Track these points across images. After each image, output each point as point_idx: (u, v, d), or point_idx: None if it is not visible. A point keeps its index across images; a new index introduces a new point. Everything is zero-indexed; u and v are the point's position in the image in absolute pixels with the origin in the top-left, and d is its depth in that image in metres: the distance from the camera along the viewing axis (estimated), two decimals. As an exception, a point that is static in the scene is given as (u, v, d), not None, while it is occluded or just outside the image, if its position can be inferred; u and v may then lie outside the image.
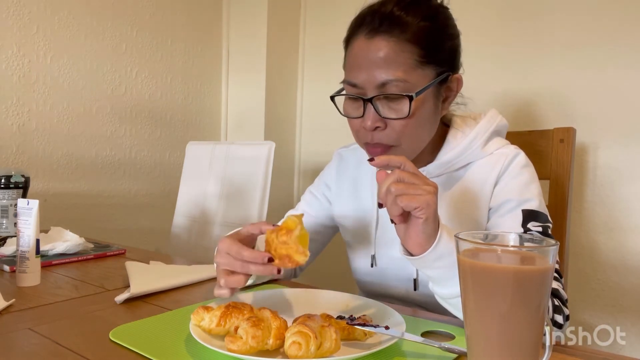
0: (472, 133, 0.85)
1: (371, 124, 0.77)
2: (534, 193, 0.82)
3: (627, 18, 1.30)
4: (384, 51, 0.75)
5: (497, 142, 0.87)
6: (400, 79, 0.74)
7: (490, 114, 0.89)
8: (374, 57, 0.75)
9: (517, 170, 0.83)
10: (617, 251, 1.33)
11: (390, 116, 0.76)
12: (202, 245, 1.54)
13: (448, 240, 0.64)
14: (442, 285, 0.67)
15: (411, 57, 0.75)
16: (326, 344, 0.55)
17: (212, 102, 2.16)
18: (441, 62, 0.78)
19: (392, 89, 0.75)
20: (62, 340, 0.61)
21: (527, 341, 0.45)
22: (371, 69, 0.76)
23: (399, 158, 0.65)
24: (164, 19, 1.93)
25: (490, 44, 1.54)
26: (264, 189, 1.43)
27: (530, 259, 0.46)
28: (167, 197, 1.86)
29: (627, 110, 1.31)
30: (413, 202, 0.61)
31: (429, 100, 0.78)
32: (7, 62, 1.50)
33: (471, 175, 0.85)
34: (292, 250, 0.68)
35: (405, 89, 0.75)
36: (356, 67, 0.78)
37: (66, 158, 1.66)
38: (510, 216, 0.80)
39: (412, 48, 0.75)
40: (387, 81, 0.75)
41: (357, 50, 0.78)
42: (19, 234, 0.86)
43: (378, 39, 0.76)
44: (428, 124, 0.81)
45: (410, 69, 0.75)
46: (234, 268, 0.71)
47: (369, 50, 0.76)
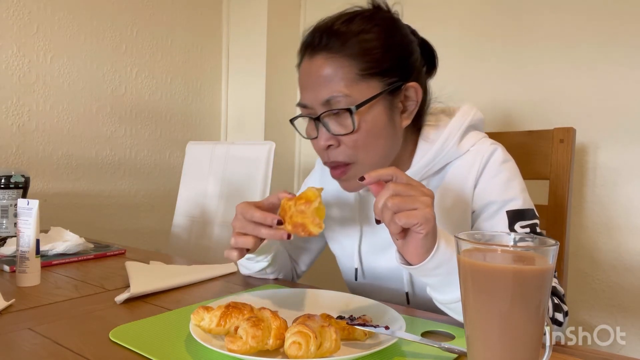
0: (445, 132, 0.83)
1: (323, 143, 0.78)
2: (516, 190, 0.80)
3: (628, 18, 1.30)
4: (324, 68, 0.75)
5: (473, 137, 0.84)
6: (342, 94, 0.74)
7: (463, 109, 0.87)
8: (316, 76, 0.76)
9: (496, 168, 0.81)
10: (617, 251, 1.33)
11: (340, 132, 0.76)
12: (202, 245, 1.54)
13: (446, 247, 0.63)
14: (441, 291, 0.67)
15: (351, 72, 0.74)
16: (326, 344, 0.55)
17: (212, 102, 2.16)
18: (388, 72, 0.77)
19: (335, 104, 0.75)
20: (62, 340, 0.61)
21: (527, 341, 0.45)
22: (315, 88, 0.76)
23: (389, 170, 0.64)
24: (164, 19, 1.93)
25: (490, 44, 1.54)
26: (264, 189, 1.43)
27: (530, 259, 0.46)
28: (167, 197, 1.86)
29: (627, 110, 1.31)
30: (412, 219, 0.60)
31: (379, 112, 0.77)
32: (7, 62, 1.50)
33: (450, 178, 0.83)
34: (309, 220, 0.69)
35: (349, 103, 0.74)
36: (303, 88, 0.79)
37: (66, 158, 1.66)
38: (496, 219, 0.79)
39: (352, 62, 0.74)
40: (330, 98, 0.75)
41: (302, 72, 0.80)
42: (19, 234, 0.86)
43: (318, 57, 0.76)
44: (382, 136, 0.78)
45: (352, 82, 0.74)
46: (246, 230, 0.74)
47: (311, 69, 0.77)
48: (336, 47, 0.75)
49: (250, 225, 0.74)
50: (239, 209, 0.76)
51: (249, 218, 0.74)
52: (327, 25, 0.78)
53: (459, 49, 1.60)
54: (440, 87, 0.90)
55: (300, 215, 0.70)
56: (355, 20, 0.77)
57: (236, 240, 0.75)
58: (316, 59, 0.76)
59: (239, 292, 0.81)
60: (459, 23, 1.61)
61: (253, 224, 0.74)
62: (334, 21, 0.78)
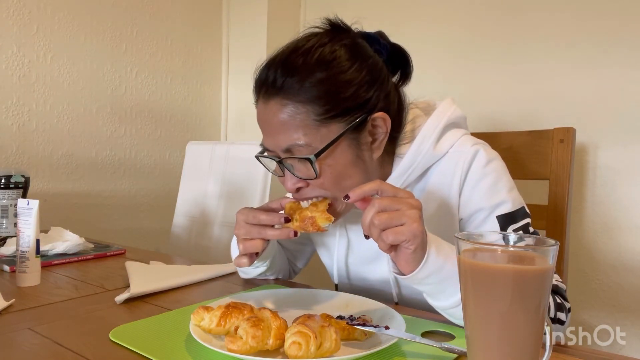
0: (420, 134, 0.79)
1: (291, 186, 0.74)
2: (503, 193, 0.77)
3: (628, 18, 1.30)
4: (280, 116, 0.71)
5: (452, 136, 0.81)
6: (302, 143, 0.70)
7: (440, 107, 0.82)
8: (272, 122, 0.72)
9: (479, 172, 0.78)
10: (617, 251, 1.33)
11: (305, 177, 0.73)
12: (202, 245, 1.54)
13: (436, 257, 0.62)
14: (435, 298, 0.66)
15: (309, 118, 0.70)
16: (326, 344, 0.55)
17: (212, 102, 2.16)
18: (349, 110, 0.71)
19: (296, 152, 0.71)
20: (62, 340, 0.61)
21: (527, 341, 0.45)
22: (273, 135, 0.73)
23: (373, 185, 0.63)
24: (164, 19, 1.93)
25: (490, 44, 1.54)
26: (264, 189, 1.43)
27: (530, 259, 0.46)
28: (167, 197, 1.86)
29: (627, 110, 1.31)
30: (400, 236, 0.59)
31: (342, 152, 0.72)
32: (7, 62, 1.50)
33: (433, 184, 0.80)
34: (319, 214, 0.69)
35: (310, 150, 0.70)
36: (262, 131, 0.76)
37: (66, 158, 1.66)
38: (486, 226, 0.77)
39: (309, 107, 0.69)
40: (290, 146, 0.71)
41: (259, 115, 0.76)
42: (19, 234, 0.86)
43: (272, 102, 0.72)
44: (350, 175, 0.74)
45: (311, 130, 0.70)
46: (252, 235, 0.74)
47: (267, 115, 0.73)
48: (292, 91, 0.70)
49: (255, 229, 0.73)
50: (240, 216, 0.75)
51: (254, 221, 0.73)
52: (281, 61, 0.72)
53: (459, 49, 1.60)
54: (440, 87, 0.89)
55: (311, 208, 0.71)
56: (311, 54, 0.71)
57: (245, 247, 0.75)
58: (271, 104, 0.72)
59: (239, 292, 0.81)
60: (458, 23, 1.61)
61: (258, 228, 0.73)
62: (288, 54, 0.72)
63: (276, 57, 0.74)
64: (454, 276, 0.53)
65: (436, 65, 1.58)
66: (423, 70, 0.87)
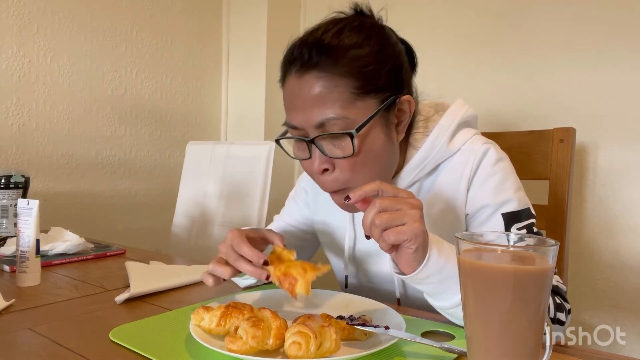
0: (435, 131, 0.80)
1: (318, 166, 0.73)
2: (510, 192, 0.78)
3: (627, 18, 1.30)
4: (316, 89, 0.69)
5: (464, 135, 0.82)
6: (339, 116, 0.69)
7: (453, 106, 0.84)
8: (307, 97, 0.70)
9: (488, 170, 0.79)
10: (617, 251, 1.33)
11: (337, 155, 0.71)
12: (202, 245, 1.54)
13: (438, 257, 0.62)
14: (436, 298, 0.66)
15: (346, 91, 0.69)
16: (326, 344, 0.55)
17: (212, 102, 2.16)
18: (383, 88, 0.72)
19: (331, 127, 0.70)
20: (62, 340, 0.61)
21: (527, 341, 0.45)
22: (306, 110, 0.71)
23: (373, 185, 0.62)
24: (164, 19, 1.93)
25: (491, 45, 1.54)
26: (264, 189, 1.43)
27: (530, 259, 0.46)
28: (167, 197, 1.86)
29: (627, 110, 1.31)
30: (401, 236, 0.59)
31: (377, 130, 0.73)
32: (7, 62, 1.50)
33: (442, 180, 0.81)
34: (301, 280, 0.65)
35: (346, 125, 0.69)
36: (292, 108, 0.74)
37: (66, 158, 1.66)
38: (491, 223, 0.77)
39: (347, 81, 0.69)
40: (325, 120, 0.69)
41: (290, 91, 0.74)
42: (19, 234, 0.86)
43: (308, 77, 0.70)
44: (380, 156, 0.74)
45: (348, 103, 0.69)
46: (228, 259, 0.71)
47: (301, 89, 0.71)
48: (328, 64, 0.69)
49: (232, 255, 0.70)
50: (230, 235, 0.72)
51: (236, 249, 0.70)
52: (316, 39, 0.72)
53: (460, 50, 1.60)
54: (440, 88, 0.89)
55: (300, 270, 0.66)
56: (345, 33, 0.72)
57: (214, 268, 0.71)
58: (305, 78, 0.70)
59: (239, 292, 0.81)
60: (459, 25, 1.61)
61: (236, 256, 0.70)
62: (322, 34, 0.72)
63: (308, 36, 0.74)
64: (455, 276, 0.53)
65: (436, 66, 1.58)
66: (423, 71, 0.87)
